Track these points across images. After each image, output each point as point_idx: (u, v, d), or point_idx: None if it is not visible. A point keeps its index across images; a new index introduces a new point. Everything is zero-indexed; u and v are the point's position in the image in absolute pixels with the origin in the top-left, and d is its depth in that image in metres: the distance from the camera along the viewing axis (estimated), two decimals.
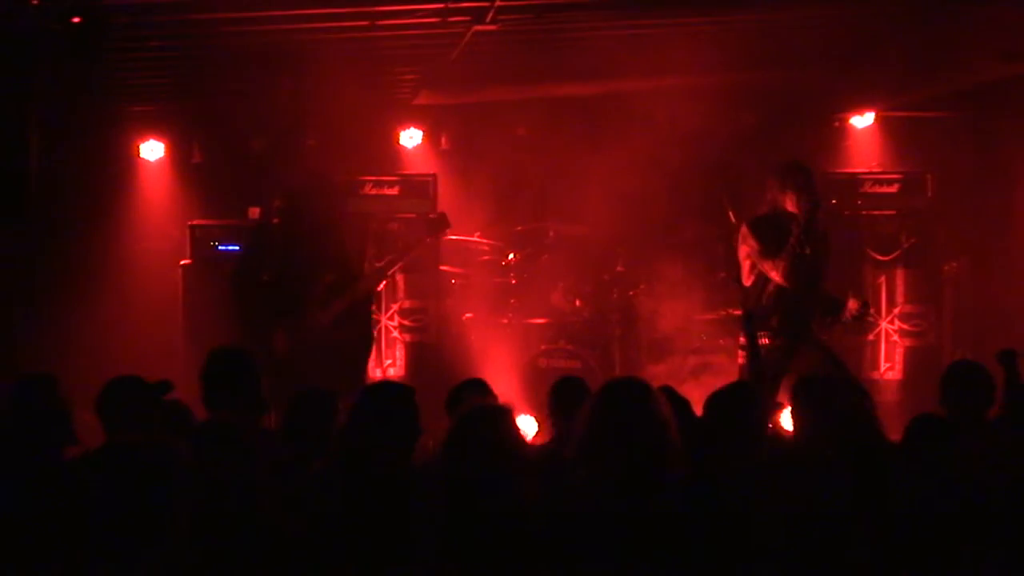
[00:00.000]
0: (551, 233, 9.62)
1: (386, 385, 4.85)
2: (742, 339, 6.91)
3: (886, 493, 3.96)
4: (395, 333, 9.45)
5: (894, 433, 4.53)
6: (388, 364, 9.42)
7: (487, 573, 3.32)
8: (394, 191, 9.49)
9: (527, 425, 7.42)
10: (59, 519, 3.36)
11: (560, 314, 9.36)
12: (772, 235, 6.83)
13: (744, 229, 7.00)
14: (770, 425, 5.35)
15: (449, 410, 4.90)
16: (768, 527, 3.73)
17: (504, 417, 3.57)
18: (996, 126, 10.06)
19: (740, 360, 6.90)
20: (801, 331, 6.95)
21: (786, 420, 5.73)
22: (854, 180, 9.76)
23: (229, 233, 9.24)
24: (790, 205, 6.85)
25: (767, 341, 6.77)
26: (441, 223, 7.89)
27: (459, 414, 3.64)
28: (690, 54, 7.71)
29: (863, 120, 10.17)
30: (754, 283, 6.96)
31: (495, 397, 4.99)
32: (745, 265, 7.03)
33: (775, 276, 6.81)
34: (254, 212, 9.08)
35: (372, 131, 9.87)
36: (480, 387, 5.15)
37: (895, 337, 9.65)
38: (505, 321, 9.34)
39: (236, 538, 3.45)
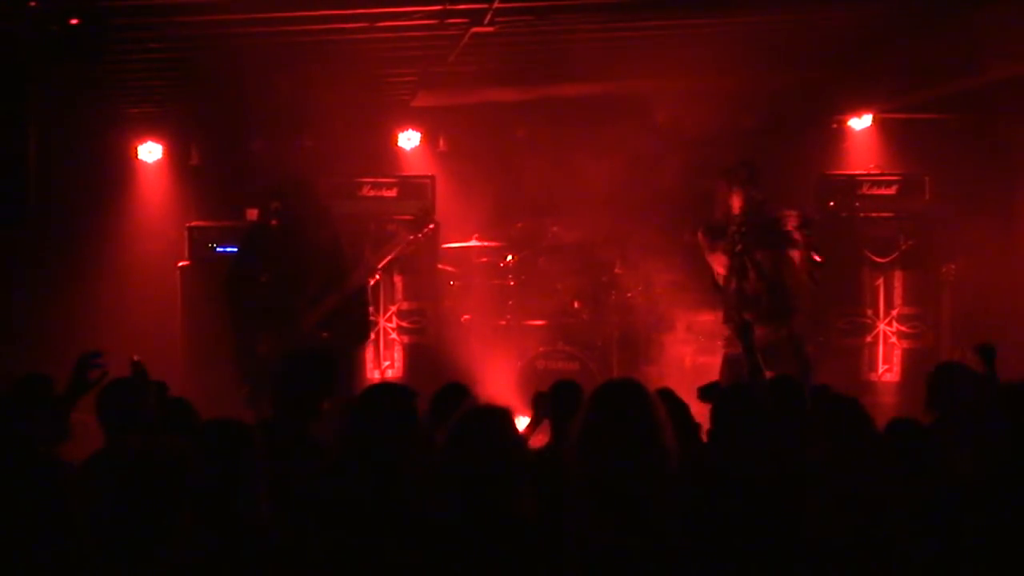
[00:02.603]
0: (549, 235, 9.62)
1: (387, 387, 4.80)
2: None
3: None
4: (393, 335, 9.45)
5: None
6: (386, 365, 9.43)
7: (488, 573, 3.32)
8: (392, 193, 9.49)
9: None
10: (59, 520, 3.35)
11: (558, 316, 9.36)
12: (716, 235, 7.25)
13: (699, 235, 7.40)
14: None
15: (434, 415, 4.83)
16: (766, 527, 3.73)
17: (504, 418, 3.57)
18: (994, 128, 10.08)
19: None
20: (778, 322, 7.10)
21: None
22: (852, 182, 9.77)
23: (227, 235, 9.23)
24: (735, 205, 7.17)
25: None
26: (422, 219, 7.75)
27: (460, 414, 3.63)
28: (688, 56, 7.72)
29: (861, 122, 10.17)
30: (725, 282, 7.28)
31: (476, 399, 4.94)
32: (713, 267, 7.37)
33: (719, 268, 7.24)
34: (252, 214, 9.06)
35: (370, 132, 9.88)
36: (463, 391, 5.09)
37: (893, 339, 9.65)
38: (503, 322, 9.34)
39: (239, 537, 3.44)
